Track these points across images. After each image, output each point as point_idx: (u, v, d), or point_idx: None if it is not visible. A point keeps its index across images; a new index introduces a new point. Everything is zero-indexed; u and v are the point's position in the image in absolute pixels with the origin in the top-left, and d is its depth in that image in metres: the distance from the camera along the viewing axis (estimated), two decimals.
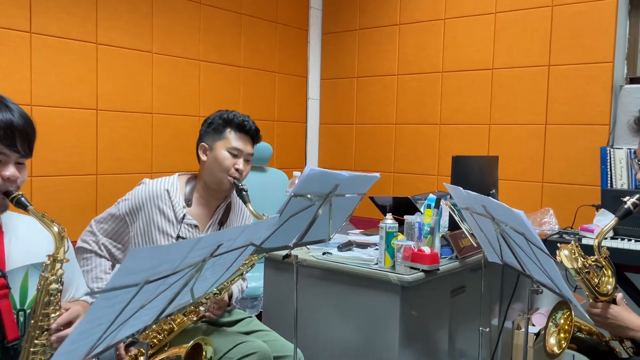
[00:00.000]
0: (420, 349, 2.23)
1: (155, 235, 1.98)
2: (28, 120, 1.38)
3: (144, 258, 0.99)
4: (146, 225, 1.98)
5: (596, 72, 3.10)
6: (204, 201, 2.06)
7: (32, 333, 1.31)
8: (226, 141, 2.02)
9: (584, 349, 1.80)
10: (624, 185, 2.90)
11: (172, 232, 1.98)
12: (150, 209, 1.98)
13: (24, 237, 1.45)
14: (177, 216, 1.99)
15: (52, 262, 1.33)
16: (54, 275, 1.32)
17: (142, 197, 1.99)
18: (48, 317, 1.32)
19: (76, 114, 2.90)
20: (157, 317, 1.23)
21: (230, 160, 2.00)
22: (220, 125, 2.04)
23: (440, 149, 3.69)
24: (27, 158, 1.40)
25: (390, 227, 2.13)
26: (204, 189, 2.06)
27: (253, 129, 2.07)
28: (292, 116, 4.14)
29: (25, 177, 1.41)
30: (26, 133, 1.37)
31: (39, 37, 2.74)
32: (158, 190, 2.00)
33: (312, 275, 2.31)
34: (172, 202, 1.99)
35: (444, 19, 3.65)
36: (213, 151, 2.02)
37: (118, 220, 2.01)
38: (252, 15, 3.77)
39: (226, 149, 2.01)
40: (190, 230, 2.00)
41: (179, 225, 1.98)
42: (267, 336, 2.03)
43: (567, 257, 1.64)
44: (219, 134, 2.03)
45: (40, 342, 1.31)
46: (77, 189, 2.91)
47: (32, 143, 1.40)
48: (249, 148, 2.06)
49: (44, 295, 1.32)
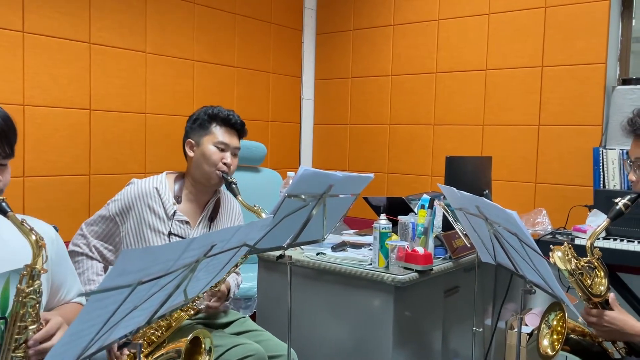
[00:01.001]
0: (414, 349, 2.23)
1: (147, 234, 1.99)
2: (7, 119, 1.36)
3: (137, 259, 0.98)
4: (137, 224, 1.99)
5: (589, 73, 3.12)
6: (194, 197, 2.08)
7: (9, 345, 1.27)
8: (212, 136, 2.04)
9: (577, 350, 1.81)
10: (617, 185, 2.91)
11: (163, 229, 1.99)
12: (140, 207, 1.99)
13: (7, 241, 1.41)
14: (167, 213, 2.00)
15: (29, 273, 1.27)
16: (30, 287, 1.27)
17: (131, 196, 2.00)
18: (25, 330, 1.28)
19: (69, 114, 2.89)
20: (151, 318, 1.23)
21: (217, 155, 2.02)
22: (206, 120, 2.06)
23: (434, 150, 3.70)
24: (9, 159, 1.37)
25: (384, 228, 2.14)
26: (193, 185, 2.08)
27: (239, 123, 2.10)
28: (286, 116, 4.14)
29: (7, 179, 1.38)
30: (5, 134, 1.34)
31: (32, 36, 2.73)
32: (147, 188, 2.01)
33: (306, 275, 2.31)
34: (162, 200, 2.01)
35: (438, 19, 3.66)
36: (200, 147, 2.04)
37: (108, 221, 2.02)
38: (246, 15, 3.77)
39: (213, 144, 2.03)
40: (181, 227, 2.02)
41: (170, 222, 2.00)
42: (260, 336, 2.03)
43: (560, 259, 1.65)
44: (205, 129, 2.05)
45: (17, 355, 1.27)
46: (70, 189, 2.90)
47: (13, 143, 1.37)
48: (235, 142, 2.09)
49: (21, 308, 1.27)
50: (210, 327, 2.05)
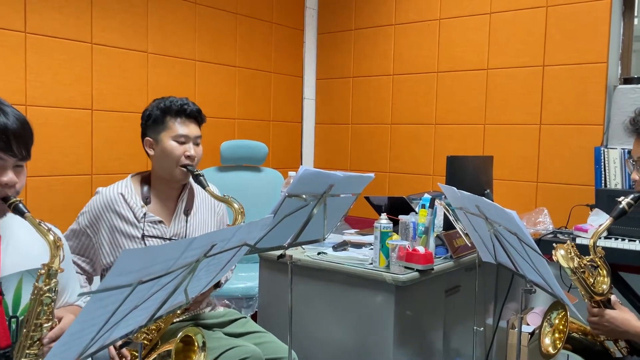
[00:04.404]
0: (415, 348, 2.24)
1: (121, 241, 1.93)
2: (24, 122, 1.38)
3: (137, 259, 0.99)
4: (110, 233, 1.93)
5: (590, 73, 3.11)
6: (163, 195, 2.01)
7: (24, 343, 1.29)
8: (170, 130, 1.94)
9: (578, 349, 1.81)
10: (618, 185, 2.91)
11: (136, 233, 1.93)
12: (109, 216, 1.94)
13: (22, 241, 1.44)
14: (137, 216, 1.94)
15: (46, 272, 1.31)
16: (47, 286, 1.30)
17: (98, 207, 1.95)
18: (41, 327, 1.31)
19: (71, 114, 2.90)
20: (151, 318, 1.24)
21: (179, 149, 1.93)
22: (159, 115, 1.96)
23: (435, 149, 3.70)
24: (25, 161, 1.39)
25: (385, 227, 2.14)
26: (160, 183, 2.00)
27: (195, 110, 1.99)
28: (287, 116, 4.14)
29: (23, 181, 1.40)
30: (22, 136, 1.36)
31: (34, 37, 2.73)
32: (112, 196, 1.95)
33: (307, 275, 2.31)
34: (129, 204, 1.94)
35: (439, 19, 3.66)
36: (159, 144, 1.95)
37: (80, 235, 1.98)
38: (248, 15, 3.77)
39: (172, 138, 1.94)
40: (155, 227, 1.95)
41: (141, 224, 1.94)
42: (262, 338, 2.02)
43: (563, 257, 1.65)
44: (160, 124, 1.95)
45: (31, 352, 1.29)
46: (72, 189, 2.90)
47: (30, 145, 1.39)
48: (195, 131, 1.98)
49: (37, 306, 1.30)
50: (208, 327, 2.03)
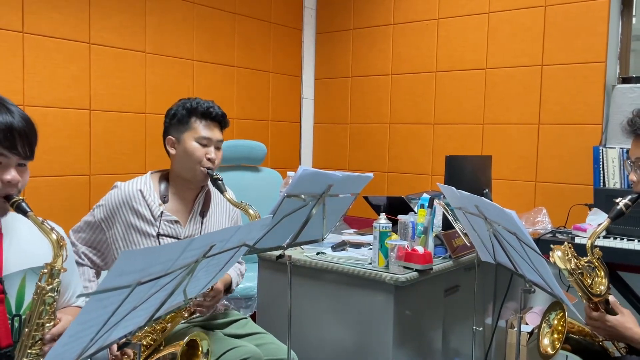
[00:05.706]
0: (414, 348, 2.24)
1: (136, 238, 1.93)
2: (29, 122, 1.38)
3: (136, 259, 0.98)
4: (125, 228, 1.93)
5: (589, 72, 3.12)
6: (181, 195, 2.00)
7: (26, 342, 1.30)
8: (193, 131, 1.95)
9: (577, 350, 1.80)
10: (617, 184, 2.91)
11: (152, 231, 1.93)
12: (126, 212, 1.93)
13: (25, 239, 1.44)
14: (154, 215, 1.93)
15: (49, 271, 1.31)
16: (50, 285, 1.30)
17: (116, 201, 1.94)
18: (42, 327, 1.31)
19: (69, 114, 2.89)
20: (150, 319, 1.23)
21: (200, 151, 1.94)
22: (185, 115, 1.97)
23: (434, 149, 3.70)
24: (29, 160, 1.39)
25: (384, 227, 2.14)
26: (178, 182, 2.00)
27: (220, 115, 2.00)
28: (286, 116, 4.14)
29: (26, 180, 1.40)
30: (27, 135, 1.36)
31: (32, 37, 2.73)
32: (131, 191, 1.94)
33: (306, 275, 2.31)
34: (147, 202, 1.94)
35: (438, 18, 3.66)
36: (181, 143, 1.96)
37: (94, 227, 1.97)
38: (246, 14, 3.77)
39: (195, 140, 1.94)
40: (171, 227, 1.95)
41: (157, 223, 1.93)
42: (262, 339, 2.02)
43: (560, 258, 1.65)
44: (185, 124, 1.96)
45: (33, 351, 1.30)
46: (70, 189, 2.90)
47: (34, 145, 1.39)
48: (217, 135, 1.99)
49: (39, 305, 1.30)
50: (209, 328, 2.03)
